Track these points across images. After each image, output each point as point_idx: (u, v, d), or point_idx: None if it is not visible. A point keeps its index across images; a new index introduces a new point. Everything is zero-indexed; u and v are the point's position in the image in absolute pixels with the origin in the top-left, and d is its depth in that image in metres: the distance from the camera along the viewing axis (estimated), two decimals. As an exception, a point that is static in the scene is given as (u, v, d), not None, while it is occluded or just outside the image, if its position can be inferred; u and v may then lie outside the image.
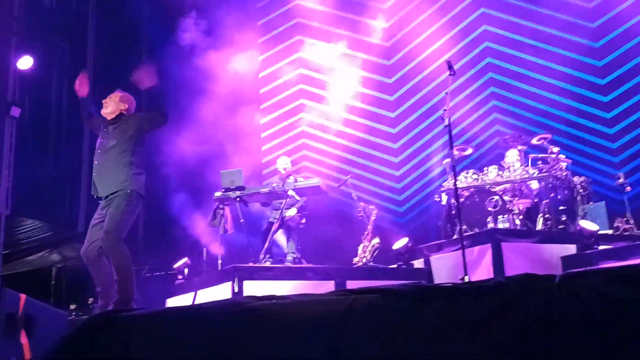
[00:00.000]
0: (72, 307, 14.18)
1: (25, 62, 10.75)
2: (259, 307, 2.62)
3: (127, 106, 5.38)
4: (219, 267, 7.05)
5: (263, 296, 2.74)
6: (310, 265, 6.92)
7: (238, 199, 7.08)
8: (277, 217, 7.16)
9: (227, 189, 7.14)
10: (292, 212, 7.52)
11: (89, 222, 12.46)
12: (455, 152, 6.17)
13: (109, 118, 5.34)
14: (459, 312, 2.49)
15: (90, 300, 14.90)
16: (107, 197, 4.97)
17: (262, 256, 6.71)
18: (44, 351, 2.66)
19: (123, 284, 4.67)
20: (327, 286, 6.17)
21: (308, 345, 2.51)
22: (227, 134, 9.80)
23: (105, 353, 2.66)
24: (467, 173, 7.75)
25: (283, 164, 7.95)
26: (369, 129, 10.83)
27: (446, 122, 4.93)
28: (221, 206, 7.45)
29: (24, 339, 2.59)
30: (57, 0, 11.90)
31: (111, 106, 5.37)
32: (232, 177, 7.14)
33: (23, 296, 2.64)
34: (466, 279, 4.41)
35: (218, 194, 7.25)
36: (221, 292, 6.04)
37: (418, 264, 7.13)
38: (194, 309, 2.76)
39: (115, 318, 2.68)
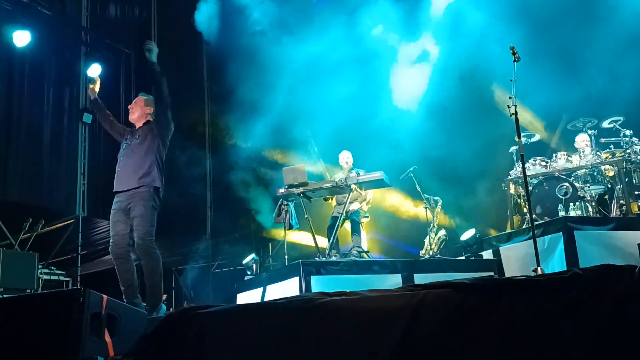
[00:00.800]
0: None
1: (94, 70, 11.24)
2: (330, 302, 2.65)
3: (152, 109, 5.33)
4: (286, 263, 7.15)
5: (333, 292, 2.76)
6: (376, 258, 6.90)
7: (301, 195, 7.14)
8: (342, 211, 7.18)
9: (291, 186, 7.21)
10: (355, 206, 7.52)
11: (161, 223, 12.92)
12: (522, 139, 5.97)
13: (137, 124, 5.34)
14: (534, 306, 2.44)
15: (165, 296, 15.50)
16: (128, 190, 4.99)
17: (328, 251, 6.75)
18: (127, 348, 2.78)
19: (152, 288, 4.82)
20: (393, 280, 6.15)
21: (379, 340, 2.52)
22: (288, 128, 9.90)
23: (183, 348, 2.76)
24: (535, 160, 7.52)
25: (345, 158, 7.95)
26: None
27: (512, 111, 4.79)
28: (285, 202, 7.54)
29: (107, 337, 2.72)
30: (121, 9, 12.34)
31: (137, 111, 5.33)
32: (295, 174, 7.20)
33: (105, 296, 2.77)
34: (539, 270, 4.28)
35: (281, 190, 7.33)
36: (289, 287, 6.12)
37: (487, 254, 6.99)
38: (266, 306, 2.82)
39: (192, 315, 2.78)
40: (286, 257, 7.25)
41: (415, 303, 2.52)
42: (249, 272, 7.86)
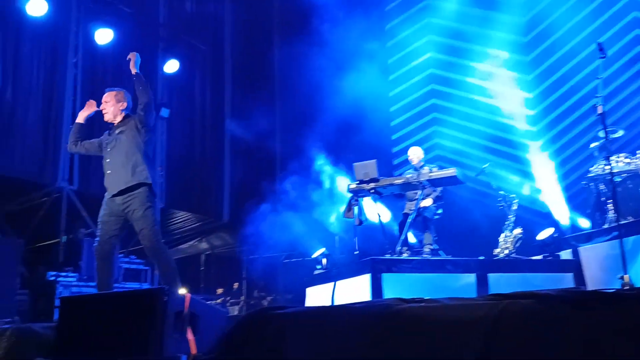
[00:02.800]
0: (219, 291, 15.21)
1: (171, 66, 11.63)
2: (407, 310, 2.62)
3: (126, 104, 5.07)
4: (356, 259, 7.13)
5: (411, 299, 2.73)
6: (449, 257, 6.78)
7: (372, 191, 7.08)
8: (413, 208, 7.08)
9: (361, 181, 7.16)
10: (427, 202, 7.41)
11: (233, 214, 13.23)
12: (602, 134, 5.66)
13: (114, 122, 5.06)
14: (624, 322, 2.31)
15: (236, 285, 15.89)
16: (122, 192, 4.77)
17: (399, 248, 6.69)
18: (207, 346, 2.86)
19: (172, 286, 4.53)
20: (467, 279, 6.02)
21: (457, 350, 2.47)
22: (357, 125, 9.87)
23: (261, 347, 2.81)
24: (618, 157, 7.12)
25: (416, 154, 7.84)
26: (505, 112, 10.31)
27: (599, 111, 4.53)
28: (355, 198, 7.50)
29: (190, 335, 2.81)
30: (197, 6, 12.65)
31: (110, 109, 5.05)
32: (365, 169, 7.15)
33: (188, 295, 2.86)
34: (626, 278, 4.05)
35: (352, 186, 7.30)
36: (359, 283, 6.11)
37: (565, 254, 6.71)
38: (344, 310, 2.82)
39: (270, 315, 2.83)
40: (356, 252, 7.22)
41: (497, 314, 2.45)
42: (318, 266, 7.91)
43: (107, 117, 5.02)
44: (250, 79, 13.85)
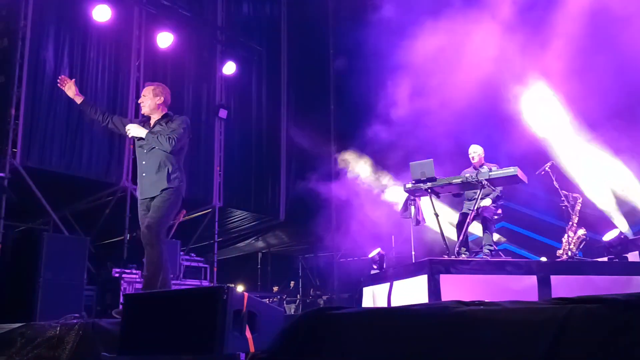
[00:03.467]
0: (275, 289, 15.40)
1: (229, 68, 11.86)
2: (467, 312, 2.56)
3: (163, 98, 4.99)
4: (413, 260, 7.07)
5: (470, 301, 2.67)
6: (509, 258, 6.60)
7: (429, 190, 6.99)
8: (472, 208, 6.95)
9: (418, 181, 7.07)
10: (487, 202, 7.24)
11: (289, 213, 13.37)
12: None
13: (151, 116, 5.01)
14: (702, 329, 2.19)
15: (292, 283, 16.05)
16: (153, 198, 4.84)
17: (457, 249, 6.57)
18: (265, 344, 2.90)
19: (149, 280, 4.67)
20: (528, 281, 5.85)
21: (519, 356, 2.40)
22: (415, 124, 9.76)
23: (318, 347, 2.82)
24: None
25: (476, 152, 7.67)
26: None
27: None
28: (412, 197, 7.43)
29: (248, 334, 2.85)
30: (253, 8, 12.83)
31: (147, 103, 4.99)
32: (422, 169, 7.05)
33: (246, 294, 2.90)
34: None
35: (409, 185, 7.21)
36: (416, 284, 6.04)
37: (632, 257, 6.42)
38: (402, 311, 2.79)
39: (328, 315, 2.83)
40: (413, 253, 7.16)
41: (561, 318, 2.36)
42: (374, 266, 7.87)
43: (144, 110, 5.04)
44: (306, 79, 13.94)
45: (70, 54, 9.08)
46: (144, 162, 4.92)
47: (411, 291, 6.09)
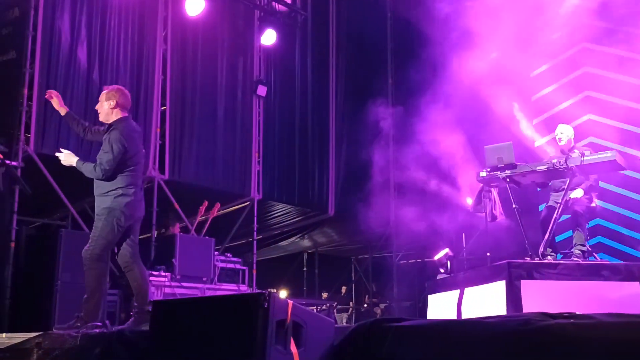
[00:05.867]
0: (324, 295, 15.52)
1: (268, 37, 11.92)
2: (553, 327, 2.53)
3: (115, 101, 5.34)
4: (488, 262, 6.99)
5: (558, 313, 2.63)
6: (605, 261, 6.44)
7: (508, 179, 6.87)
8: (560, 200, 6.80)
9: (494, 168, 6.97)
10: (578, 193, 7.06)
11: (339, 207, 13.40)
12: None
13: (106, 121, 5.40)
14: None
15: (343, 288, 16.13)
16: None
17: (542, 249, 6.44)
18: (314, 360, 2.93)
19: (86, 302, 5.11)
20: (629, 289, 5.69)
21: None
22: (488, 104, 9.63)
23: (374, 364, 2.83)
24: None
25: (565, 133, 7.48)
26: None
27: None
28: (487, 188, 7.33)
29: (293, 348, 2.89)
30: (297, -34, 12.82)
31: (101, 109, 5.41)
32: (499, 153, 6.94)
33: (290, 302, 2.93)
34: None
35: (483, 173, 7.11)
36: (492, 292, 5.97)
37: None
38: (475, 324, 2.77)
39: (387, 328, 2.84)
40: (488, 254, 7.09)
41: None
42: (441, 270, 7.82)
43: (100, 118, 5.44)
44: (360, 49, 13.87)
45: (89, 24, 9.29)
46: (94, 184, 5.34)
47: (486, 300, 6.03)
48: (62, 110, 5.62)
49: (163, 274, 8.34)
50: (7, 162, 5.81)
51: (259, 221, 11.95)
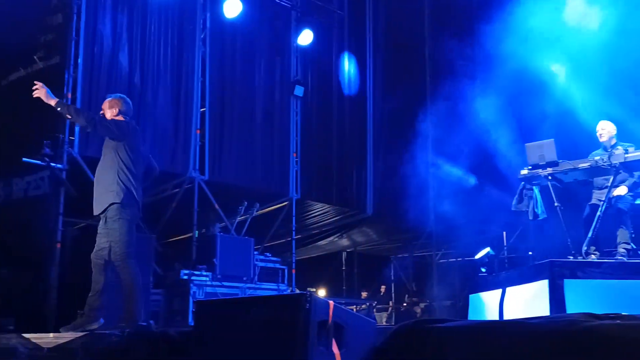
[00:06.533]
0: (364, 294, 15.50)
1: (305, 37, 11.96)
2: (598, 328, 2.49)
3: (117, 109, 5.55)
4: (530, 261, 6.90)
5: (604, 314, 2.59)
6: (651, 260, 6.30)
7: (550, 177, 6.81)
8: (603, 198, 6.68)
9: (536, 166, 6.91)
10: (621, 190, 6.93)
11: (377, 206, 13.36)
12: None
13: None
14: None
15: (383, 288, 16.09)
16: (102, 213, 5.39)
17: (585, 248, 6.35)
18: (356, 361, 2.94)
19: (127, 303, 5.25)
20: (677, 288, 5.57)
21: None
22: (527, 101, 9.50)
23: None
24: None
25: (607, 129, 7.34)
26: None
27: None
28: (529, 186, 7.25)
29: (335, 349, 2.90)
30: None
31: (105, 116, 5.60)
32: (541, 151, 6.87)
33: (332, 303, 2.94)
34: None
35: (524, 171, 7.06)
36: (535, 292, 5.91)
37: None
38: (517, 325, 2.74)
39: (429, 329, 2.83)
40: (530, 253, 7.00)
41: None
42: (483, 269, 7.76)
43: None
44: (398, 47, 13.81)
45: (130, 29, 9.45)
46: (95, 179, 5.59)
47: (529, 300, 5.98)
48: (52, 102, 5.45)
49: (204, 273, 8.44)
50: (53, 164, 5.97)
51: (297, 221, 12.00)
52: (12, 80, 9.34)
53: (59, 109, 5.38)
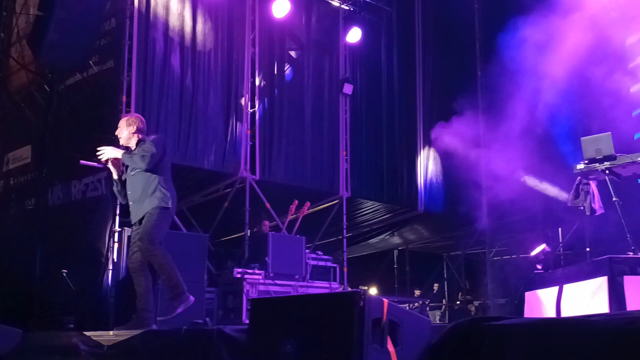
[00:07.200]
0: (417, 292, 15.39)
1: (354, 35, 11.95)
2: (663, 326, 2.42)
3: (135, 127, 5.74)
4: (588, 258, 6.75)
5: (669, 312, 2.52)
6: None
7: (607, 172, 6.63)
8: (663, 192, 6.49)
9: (592, 160, 6.74)
10: (684, 184, 6.73)
11: (429, 203, 13.22)
12: None
13: (127, 145, 5.79)
14: None
15: (435, 286, 15.96)
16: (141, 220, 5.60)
17: (645, 244, 6.18)
18: (411, 359, 2.93)
19: (168, 280, 5.44)
20: None
21: None
22: (585, 93, 9.26)
23: (474, 363, 2.80)
24: None
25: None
26: None
27: None
28: (585, 181, 7.08)
29: (390, 347, 2.89)
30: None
31: (121, 134, 5.78)
32: (597, 145, 6.70)
33: (386, 301, 2.94)
34: None
35: (580, 166, 6.89)
36: (593, 289, 5.76)
37: None
38: (576, 322, 2.69)
39: (486, 327, 2.80)
40: (587, 249, 6.85)
41: None
42: (538, 266, 7.61)
43: (121, 142, 5.83)
44: (447, 43, 13.66)
45: (181, 32, 9.62)
46: (129, 192, 5.70)
47: (586, 297, 5.83)
48: (119, 154, 5.80)
49: (257, 272, 8.53)
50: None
51: (348, 219, 12.01)
52: (68, 85, 9.64)
53: (123, 160, 5.64)
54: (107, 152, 5.64)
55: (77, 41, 8.63)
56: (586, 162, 6.82)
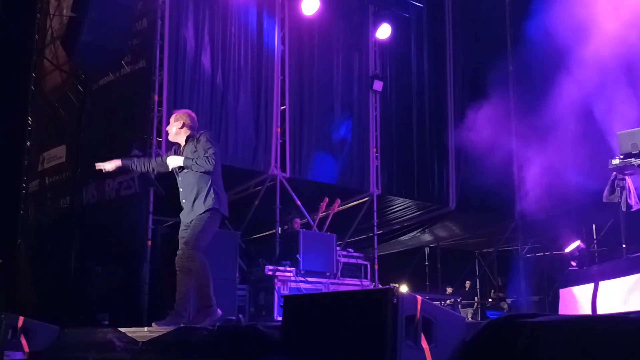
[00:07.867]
0: (449, 290, 15.31)
1: (383, 31, 11.91)
2: None
3: (182, 122, 5.85)
4: (624, 254, 6.65)
5: None
6: None
7: (643, 167, 6.53)
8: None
9: (628, 155, 6.65)
10: None
11: (461, 200, 13.13)
12: None
13: (175, 141, 5.95)
14: None
15: (467, 283, 15.85)
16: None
17: (683, 240, 6.08)
18: (445, 356, 2.91)
19: (200, 289, 5.50)
20: None
21: None
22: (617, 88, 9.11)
23: (509, 360, 2.78)
24: None
25: None
26: None
27: None
28: (621, 176, 6.99)
29: (424, 344, 2.88)
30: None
31: (170, 130, 5.93)
32: (634, 139, 6.61)
33: (419, 298, 2.93)
34: None
35: (616, 161, 6.81)
36: (630, 286, 5.68)
37: None
38: (613, 320, 2.66)
39: (519, 324, 2.78)
40: (624, 246, 6.74)
41: None
42: (573, 263, 7.53)
43: (170, 137, 6.03)
44: (478, 38, 13.54)
45: (211, 31, 9.68)
46: (181, 190, 5.77)
47: (623, 294, 5.75)
48: (118, 163, 6.02)
49: (288, 269, 8.56)
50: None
51: (378, 216, 11.98)
52: (102, 85, 9.79)
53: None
54: (170, 162, 5.75)
55: (110, 41, 8.74)
56: (622, 157, 6.73)
